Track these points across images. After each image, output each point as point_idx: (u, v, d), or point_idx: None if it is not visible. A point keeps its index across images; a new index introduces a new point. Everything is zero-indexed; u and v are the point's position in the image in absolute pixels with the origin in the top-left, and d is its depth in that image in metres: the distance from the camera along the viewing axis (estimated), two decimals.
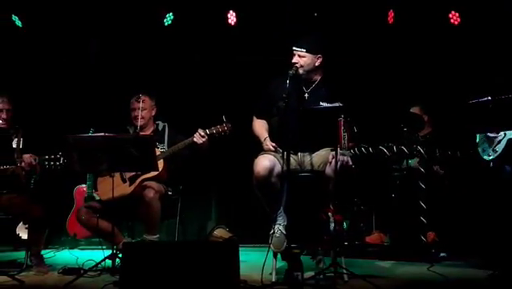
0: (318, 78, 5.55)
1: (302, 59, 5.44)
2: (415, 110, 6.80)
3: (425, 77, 7.47)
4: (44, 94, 7.63)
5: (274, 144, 5.38)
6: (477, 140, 5.93)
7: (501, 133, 5.68)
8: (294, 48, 5.45)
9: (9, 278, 5.36)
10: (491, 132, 5.75)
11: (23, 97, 7.21)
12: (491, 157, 5.77)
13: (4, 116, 5.93)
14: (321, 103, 5.39)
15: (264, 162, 5.25)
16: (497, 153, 5.69)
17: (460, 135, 6.37)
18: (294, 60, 5.43)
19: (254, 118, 5.71)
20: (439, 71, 7.47)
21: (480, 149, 5.88)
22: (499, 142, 5.72)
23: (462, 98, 5.58)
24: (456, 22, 7.38)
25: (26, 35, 7.59)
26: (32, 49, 7.63)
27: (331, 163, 5.12)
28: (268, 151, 5.38)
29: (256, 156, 5.37)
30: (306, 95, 5.50)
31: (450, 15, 7.38)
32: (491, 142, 5.78)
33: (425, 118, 6.72)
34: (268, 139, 5.45)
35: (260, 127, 5.63)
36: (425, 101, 6.99)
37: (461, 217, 6.40)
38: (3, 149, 5.42)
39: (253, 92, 5.94)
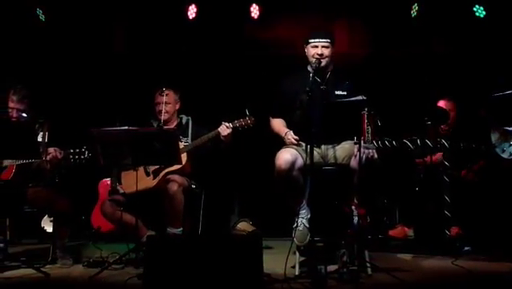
0: (331, 68, 5.56)
1: (327, 49, 5.47)
2: (443, 103, 6.77)
3: (450, 70, 7.44)
4: (69, 88, 7.67)
5: (296, 137, 5.38)
6: (493, 142, 5.85)
7: None
8: (318, 40, 5.46)
9: (34, 271, 5.42)
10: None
11: (49, 91, 7.27)
12: None
13: (15, 114, 5.94)
14: (336, 92, 5.41)
15: (286, 156, 5.25)
16: None
17: (483, 128, 6.33)
18: (319, 52, 5.44)
19: (271, 118, 5.73)
20: (464, 64, 7.43)
21: (499, 150, 5.79)
22: None
23: (487, 91, 5.55)
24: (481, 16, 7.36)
25: (51, 29, 7.64)
26: (57, 43, 7.67)
27: (356, 156, 5.10)
28: (290, 144, 5.38)
29: (278, 150, 5.38)
30: (323, 87, 5.49)
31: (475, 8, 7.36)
32: (510, 139, 5.70)
33: (453, 113, 6.70)
34: (289, 132, 5.44)
35: (278, 124, 5.64)
36: (452, 94, 6.95)
37: (486, 211, 6.35)
38: (28, 143, 5.46)
39: (274, 85, 5.94)
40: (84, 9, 7.55)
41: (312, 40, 5.51)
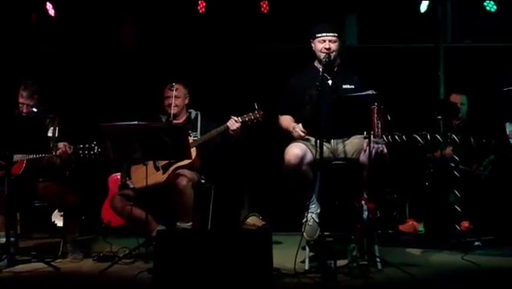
0: (338, 62, 5.54)
1: (335, 44, 5.45)
2: (454, 97, 6.76)
3: (460, 63, 7.43)
4: (79, 83, 7.68)
5: (304, 130, 5.35)
6: (508, 132, 5.84)
7: None
8: (325, 34, 5.43)
9: (45, 265, 5.44)
10: None
11: (58, 86, 7.28)
12: None
13: (25, 109, 5.95)
14: (343, 86, 5.41)
15: (295, 151, 5.24)
16: None
17: (494, 122, 6.31)
18: (327, 46, 5.42)
19: (279, 116, 5.71)
20: (473, 58, 7.41)
21: None
22: None
23: (498, 85, 5.53)
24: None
25: (60, 25, 7.64)
26: (66, 38, 7.68)
27: (365, 151, 5.09)
28: (299, 138, 5.36)
29: (288, 145, 5.37)
30: (330, 81, 5.47)
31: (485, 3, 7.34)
32: None
33: (464, 107, 6.70)
34: (297, 126, 5.41)
35: (286, 120, 5.61)
36: (463, 88, 6.92)
37: (496, 206, 6.33)
38: (39, 138, 5.48)
39: (284, 80, 5.93)
40: (93, 4, 7.55)
41: (319, 34, 5.48)
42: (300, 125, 5.41)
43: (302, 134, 5.35)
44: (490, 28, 7.38)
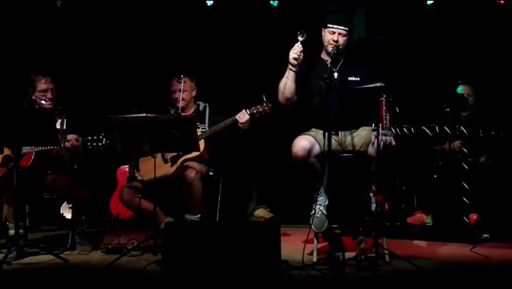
0: (344, 54, 5.51)
1: (344, 38, 5.41)
2: (463, 89, 6.74)
3: (469, 55, 7.39)
4: (87, 75, 7.68)
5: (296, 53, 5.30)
6: None
7: None
8: (336, 26, 5.40)
9: (53, 257, 5.46)
10: None
11: (66, 78, 7.28)
12: None
13: (49, 95, 5.99)
14: (349, 78, 5.39)
15: (302, 143, 5.23)
16: None
17: (503, 115, 6.29)
18: (335, 38, 5.39)
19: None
20: (484, 50, 7.37)
21: None
22: None
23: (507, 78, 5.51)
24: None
25: (68, 15, 7.63)
26: (75, 29, 7.67)
27: (374, 143, 5.07)
28: (296, 56, 5.29)
29: (295, 137, 5.36)
30: (336, 74, 5.45)
31: None
32: None
33: (471, 99, 6.67)
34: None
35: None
36: (470, 79, 6.89)
37: (505, 198, 6.32)
38: (47, 130, 5.49)
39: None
40: None
41: (331, 25, 5.43)
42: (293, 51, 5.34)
43: (299, 49, 5.27)
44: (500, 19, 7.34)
